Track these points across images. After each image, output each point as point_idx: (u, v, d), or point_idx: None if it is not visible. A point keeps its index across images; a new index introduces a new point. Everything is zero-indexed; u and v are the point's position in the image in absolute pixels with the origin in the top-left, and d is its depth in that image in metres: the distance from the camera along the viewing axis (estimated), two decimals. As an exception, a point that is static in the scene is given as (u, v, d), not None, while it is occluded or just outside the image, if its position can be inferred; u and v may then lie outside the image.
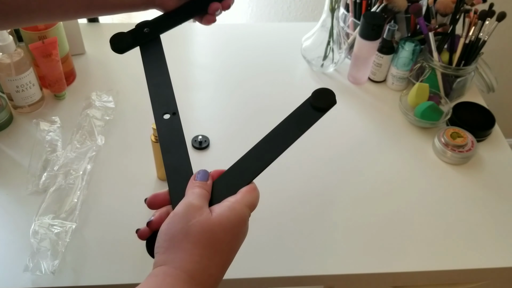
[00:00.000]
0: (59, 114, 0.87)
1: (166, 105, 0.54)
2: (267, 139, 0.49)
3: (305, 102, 0.50)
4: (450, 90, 0.94)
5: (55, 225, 0.68)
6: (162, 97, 0.54)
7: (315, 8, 1.42)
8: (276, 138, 0.49)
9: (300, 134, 0.48)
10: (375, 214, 0.76)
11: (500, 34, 1.42)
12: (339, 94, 0.95)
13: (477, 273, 0.71)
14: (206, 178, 0.45)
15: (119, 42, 0.58)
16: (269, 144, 0.48)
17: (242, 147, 0.84)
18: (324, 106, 0.49)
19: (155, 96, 0.54)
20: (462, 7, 0.89)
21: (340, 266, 0.69)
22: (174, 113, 0.53)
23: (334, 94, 0.49)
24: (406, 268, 0.69)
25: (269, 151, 0.48)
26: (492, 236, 0.73)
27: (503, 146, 0.88)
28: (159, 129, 0.52)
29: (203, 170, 0.46)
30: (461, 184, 0.81)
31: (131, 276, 0.66)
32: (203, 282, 0.37)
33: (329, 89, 0.49)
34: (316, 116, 0.49)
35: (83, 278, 0.65)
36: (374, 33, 0.90)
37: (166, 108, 0.53)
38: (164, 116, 0.53)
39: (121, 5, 0.58)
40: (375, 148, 0.86)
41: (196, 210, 0.40)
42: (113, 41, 0.58)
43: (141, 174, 0.79)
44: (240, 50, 1.07)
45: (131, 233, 0.71)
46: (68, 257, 0.67)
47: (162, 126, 0.52)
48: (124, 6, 0.58)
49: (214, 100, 0.94)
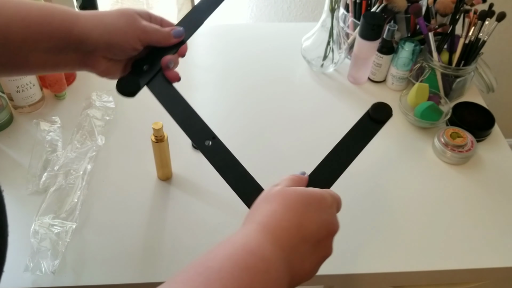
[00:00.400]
0: (59, 114, 0.87)
1: (202, 132, 0.54)
2: (334, 153, 0.52)
3: (364, 115, 0.53)
4: (449, 90, 0.94)
5: (55, 225, 0.68)
6: (194, 126, 0.55)
7: (315, 8, 1.42)
8: (342, 151, 0.52)
9: (364, 146, 0.52)
10: (375, 213, 0.76)
11: (499, 34, 1.43)
12: (339, 94, 0.96)
13: (477, 273, 0.71)
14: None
15: (128, 85, 0.54)
16: (337, 157, 0.52)
17: (242, 147, 0.85)
18: (383, 118, 0.52)
19: (188, 128, 0.54)
20: (462, 7, 0.89)
21: (340, 266, 0.69)
22: (213, 137, 0.54)
23: (390, 108, 0.53)
24: (406, 268, 0.69)
25: (337, 163, 0.51)
26: (492, 236, 0.73)
27: (503, 146, 0.88)
28: (207, 156, 0.52)
29: (301, 172, 0.50)
30: (460, 184, 0.81)
31: (131, 276, 0.66)
32: (274, 232, 0.39)
33: (386, 103, 0.53)
34: (376, 128, 0.53)
35: (83, 278, 0.65)
36: (374, 33, 0.90)
37: (204, 135, 0.54)
38: (206, 143, 0.53)
39: (53, 65, 0.51)
40: (375, 148, 0.86)
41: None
42: (122, 87, 0.54)
43: (141, 174, 0.79)
44: (240, 50, 1.07)
45: (131, 233, 0.71)
46: (68, 257, 0.67)
47: (209, 152, 0.53)
48: (57, 67, 0.52)
49: (214, 100, 0.95)
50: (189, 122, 0.54)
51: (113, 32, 0.51)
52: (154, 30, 0.54)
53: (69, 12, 0.49)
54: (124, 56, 0.54)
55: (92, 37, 0.49)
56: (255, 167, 0.83)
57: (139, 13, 0.54)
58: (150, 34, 0.54)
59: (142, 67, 0.55)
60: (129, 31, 0.52)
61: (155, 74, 0.55)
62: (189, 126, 0.54)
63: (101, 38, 0.50)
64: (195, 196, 0.76)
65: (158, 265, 0.67)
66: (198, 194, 0.76)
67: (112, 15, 0.51)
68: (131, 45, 0.52)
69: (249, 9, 1.41)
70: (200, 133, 0.54)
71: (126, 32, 0.51)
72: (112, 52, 0.52)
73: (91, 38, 0.49)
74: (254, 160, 0.83)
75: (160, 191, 0.77)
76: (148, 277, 0.66)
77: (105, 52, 0.52)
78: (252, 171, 0.80)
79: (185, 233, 0.71)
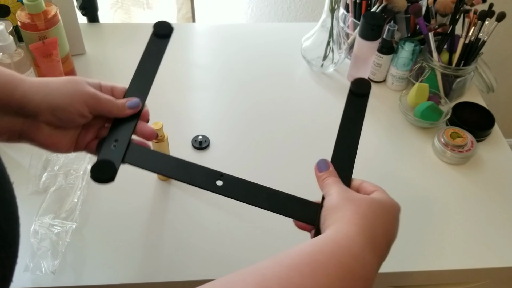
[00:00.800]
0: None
1: (208, 176, 0.51)
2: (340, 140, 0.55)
3: (348, 95, 0.56)
4: (449, 90, 0.94)
5: (56, 225, 0.68)
6: (198, 175, 0.51)
7: (315, 8, 1.42)
8: (346, 136, 0.55)
9: (362, 122, 0.55)
10: (375, 214, 0.76)
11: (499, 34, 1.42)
12: (338, 94, 0.96)
13: (477, 273, 0.71)
14: (326, 167, 0.51)
15: (104, 171, 0.50)
16: (344, 143, 0.55)
17: (242, 147, 0.85)
18: (365, 91, 0.55)
19: (193, 180, 0.51)
20: (462, 7, 0.89)
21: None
22: (221, 175, 0.51)
23: (367, 80, 0.56)
24: (406, 268, 0.69)
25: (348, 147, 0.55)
26: (492, 236, 0.73)
27: (503, 146, 0.88)
28: (227, 194, 0.50)
29: (322, 160, 0.52)
30: (460, 184, 0.81)
31: (131, 276, 0.66)
32: (372, 238, 0.42)
33: (362, 78, 0.56)
34: (364, 102, 0.55)
35: (83, 278, 0.65)
36: (374, 33, 0.90)
37: (211, 178, 0.51)
38: (218, 184, 0.50)
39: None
40: (375, 148, 0.86)
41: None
42: (98, 174, 0.50)
43: (141, 174, 0.79)
44: (240, 51, 1.07)
45: (131, 233, 0.71)
46: (68, 257, 0.67)
47: (225, 190, 0.50)
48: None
49: (214, 100, 0.95)
50: (191, 174, 0.52)
51: (58, 96, 0.48)
52: (106, 99, 0.51)
53: (14, 75, 0.47)
54: (70, 123, 0.50)
55: (35, 100, 0.47)
56: (255, 167, 0.83)
57: (89, 82, 0.51)
58: (102, 103, 0.51)
59: (110, 146, 0.51)
60: (75, 95, 0.49)
61: (127, 147, 0.52)
62: (193, 177, 0.51)
63: (44, 100, 0.47)
64: (195, 196, 0.76)
65: (158, 265, 0.67)
66: (198, 194, 0.76)
67: (58, 81, 0.49)
68: (77, 109, 0.49)
69: (249, 9, 1.41)
70: (207, 178, 0.51)
71: (72, 96, 0.48)
72: (57, 117, 0.48)
73: (33, 101, 0.47)
74: (254, 160, 0.83)
75: (160, 191, 0.77)
76: (148, 277, 0.66)
77: (48, 117, 0.48)
78: (252, 171, 0.80)
79: (185, 233, 0.71)
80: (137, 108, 0.53)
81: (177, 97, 0.94)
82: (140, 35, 1.09)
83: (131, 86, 0.56)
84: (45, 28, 0.85)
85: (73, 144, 0.52)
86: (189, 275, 0.66)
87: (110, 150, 0.51)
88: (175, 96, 0.93)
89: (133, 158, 0.52)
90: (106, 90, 0.53)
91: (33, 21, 0.84)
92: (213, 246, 0.70)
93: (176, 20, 1.34)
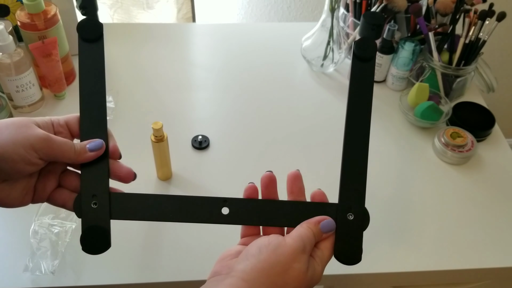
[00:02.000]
0: (59, 114, 0.86)
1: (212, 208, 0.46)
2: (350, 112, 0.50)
3: (353, 60, 0.49)
4: (450, 90, 0.94)
5: (55, 225, 0.68)
6: (199, 208, 0.46)
7: (315, 8, 1.42)
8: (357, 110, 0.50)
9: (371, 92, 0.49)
10: (374, 213, 0.75)
11: (500, 34, 1.42)
12: (338, 94, 0.96)
13: (477, 273, 0.71)
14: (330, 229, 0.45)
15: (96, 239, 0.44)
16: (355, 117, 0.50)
17: (242, 147, 0.85)
18: (371, 54, 0.49)
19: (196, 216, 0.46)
20: (462, 7, 0.89)
21: (340, 266, 0.69)
22: (224, 201, 0.46)
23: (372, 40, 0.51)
24: (406, 268, 0.69)
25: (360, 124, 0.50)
26: (492, 236, 0.73)
27: (503, 146, 0.88)
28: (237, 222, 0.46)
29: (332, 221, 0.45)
30: (461, 184, 0.81)
31: (131, 276, 0.66)
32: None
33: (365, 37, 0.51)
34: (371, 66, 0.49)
35: (83, 278, 0.65)
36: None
37: (215, 208, 0.46)
38: (224, 212, 0.46)
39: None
40: (375, 148, 0.86)
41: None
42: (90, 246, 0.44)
43: (141, 174, 0.79)
44: (240, 51, 1.07)
45: (131, 233, 0.71)
46: (68, 257, 0.67)
47: (234, 217, 0.46)
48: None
49: (214, 100, 0.94)
50: (191, 210, 0.46)
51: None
52: (59, 143, 0.43)
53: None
54: (18, 173, 0.42)
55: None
56: (255, 167, 0.83)
57: (37, 121, 0.44)
58: (55, 147, 0.42)
59: (90, 206, 0.44)
60: (19, 139, 0.40)
61: (109, 201, 0.44)
62: (194, 213, 0.46)
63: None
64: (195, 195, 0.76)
65: (158, 265, 0.67)
66: (198, 194, 0.76)
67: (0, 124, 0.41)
68: (23, 156, 0.40)
69: (249, 9, 1.41)
70: (210, 209, 0.46)
71: (14, 141, 0.40)
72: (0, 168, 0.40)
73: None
74: (254, 160, 0.83)
75: (160, 190, 0.76)
76: (148, 277, 0.66)
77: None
78: (252, 171, 0.80)
79: (185, 233, 0.71)
80: (101, 149, 0.45)
81: (177, 97, 0.93)
82: (140, 35, 1.09)
83: (83, 121, 0.46)
84: (45, 28, 0.85)
85: (29, 195, 0.44)
86: (189, 275, 0.66)
87: (92, 211, 0.44)
88: (175, 96, 0.93)
89: (122, 212, 0.45)
90: (60, 127, 0.46)
91: (32, 21, 0.84)
92: (214, 246, 0.69)
93: (177, 20, 1.34)
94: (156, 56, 1.03)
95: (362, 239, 0.47)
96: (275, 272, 0.39)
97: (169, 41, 1.08)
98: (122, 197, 0.45)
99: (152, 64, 1.01)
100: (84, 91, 0.47)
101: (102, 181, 0.44)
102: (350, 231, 0.46)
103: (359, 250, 0.46)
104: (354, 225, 0.47)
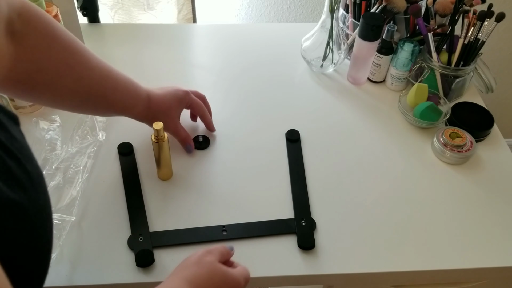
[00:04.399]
0: (60, 114, 0.87)
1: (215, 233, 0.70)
2: (292, 179, 0.79)
3: (286, 142, 0.85)
4: (449, 91, 0.94)
5: (54, 218, 0.68)
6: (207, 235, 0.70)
7: (314, 9, 1.43)
8: (295, 175, 0.80)
9: (302, 161, 0.81)
10: (374, 213, 0.76)
11: (499, 34, 1.43)
12: (338, 95, 0.97)
13: (477, 273, 0.71)
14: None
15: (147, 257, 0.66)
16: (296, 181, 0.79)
17: (242, 147, 0.85)
18: (296, 137, 0.85)
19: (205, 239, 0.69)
20: (461, 8, 0.89)
21: (339, 265, 0.69)
22: (223, 226, 0.71)
23: (296, 130, 0.86)
24: (406, 268, 0.69)
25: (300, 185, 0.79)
26: (491, 235, 0.74)
27: (502, 146, 0.89)
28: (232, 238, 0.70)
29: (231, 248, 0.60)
30: (460, 184, 0.81)
31: (131, 276, 0.66)
32: None
33: (292, 129, 0.84)
34: (298, 146, 0.85)
35: (80, 271, 0.65)
36: (374, 33, 0.91)
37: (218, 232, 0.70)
38: (223, 233, 0.70)
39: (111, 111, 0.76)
40: (374, 148, 0.87)
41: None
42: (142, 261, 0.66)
43: (141, 172, 0.79)
44: (240, 51, 1.07)
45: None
46: (66, 250, 0.67)
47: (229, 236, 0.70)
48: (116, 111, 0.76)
49: (214, 100, 0.95)
50: (200, 235, 0.70)
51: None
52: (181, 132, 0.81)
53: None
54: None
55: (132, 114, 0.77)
56: (255, 167, 0.83)
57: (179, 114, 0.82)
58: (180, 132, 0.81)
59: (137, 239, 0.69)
60: (172, 112, 0.80)
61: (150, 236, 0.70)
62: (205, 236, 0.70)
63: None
64: (195, 196, 0.76)
65: (158, 265, 0.67)
66: (198, 194, 0.77)
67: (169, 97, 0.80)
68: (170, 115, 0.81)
69: (249, 9, 1.42)
70: (214, 234, 0.70)
71: (170, 108, 0.80)
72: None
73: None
74: (254, 160, 0.83)
75: (160, 190, 0.77)
76: (148, 276, 0.66)
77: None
78: (252, 171, 0.81)
79: (186, 233, 0.71)
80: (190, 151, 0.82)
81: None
82: (140, 36, 1.09)
83: (130, 214, 0.72)
84: (46, 29, 0.85)
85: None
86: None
87: (140, 243, 0.68)
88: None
89: (157, 241, 0.69)
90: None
91: (33, 22, 0.84)
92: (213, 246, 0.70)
93: (177, 20, 1.35)
94: (157, 57, 1.03)
95: (314, 234, 0.71)
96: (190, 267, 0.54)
97: (169, 42, 1.08)
98: (157, 233, 0.70)
99: (153, 65, 1.01)
100: (130, 199, 0.75)
101: (145, 227, 0.70)
102: (305, 231, 0.71)
103: (312, 240, 0.70)
104: (306, 227, 0.71)
